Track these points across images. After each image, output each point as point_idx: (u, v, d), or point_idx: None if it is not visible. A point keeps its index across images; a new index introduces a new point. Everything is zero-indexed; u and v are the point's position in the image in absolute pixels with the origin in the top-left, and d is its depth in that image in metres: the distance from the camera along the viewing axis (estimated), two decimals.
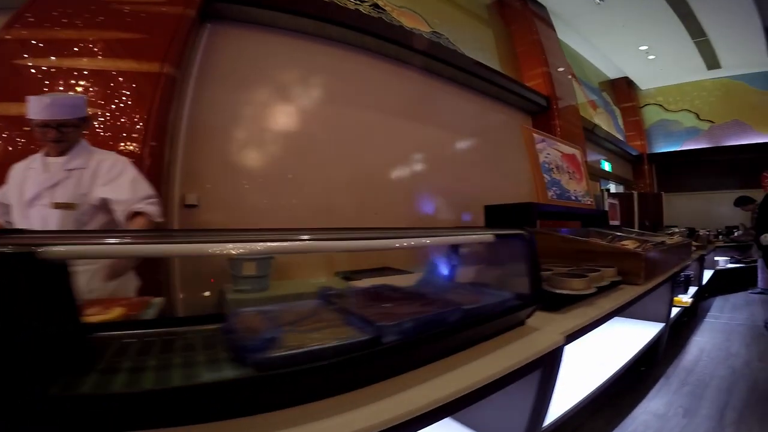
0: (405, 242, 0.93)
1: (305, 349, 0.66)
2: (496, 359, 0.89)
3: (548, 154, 3.10)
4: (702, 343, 3.46)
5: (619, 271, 1.85)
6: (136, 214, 1.72)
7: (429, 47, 4.41)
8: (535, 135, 3.05)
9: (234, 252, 0.61)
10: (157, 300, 1.46)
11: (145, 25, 2.72)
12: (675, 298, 3.33)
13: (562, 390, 1.49)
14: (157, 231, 1.50)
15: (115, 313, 1.18)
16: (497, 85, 5.33)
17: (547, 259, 2.21)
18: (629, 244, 2.59)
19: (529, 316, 1.13)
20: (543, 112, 6.06)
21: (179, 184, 3.00)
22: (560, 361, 1.05)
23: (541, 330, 1.09)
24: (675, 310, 3.08)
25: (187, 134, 3.04)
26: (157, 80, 2.67)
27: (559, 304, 1.33)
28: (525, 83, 6.01)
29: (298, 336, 0.73)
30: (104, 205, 1.73)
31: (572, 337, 1.11)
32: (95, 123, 2.42)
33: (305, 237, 0.71)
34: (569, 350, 1.09)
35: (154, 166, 2.60)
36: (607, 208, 3.52)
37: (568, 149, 3.46)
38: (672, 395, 2.53)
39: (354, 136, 3.86)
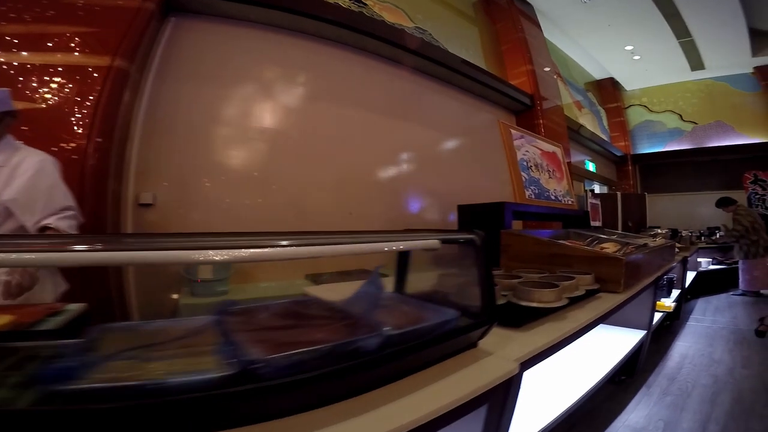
0: (320, 250, 0.73)
1: (118, 384, 0.45)
2: (430, 395, 0.70)
3: (527, 151, 2.92)
4: (684, 348, 3.31)
5: (598, 277, 1.67)
6: (45, 228, 1.49)
7: (411, 43, 4.21)
8: (513, 131, 2.87)
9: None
10: (73, 307, 1.24)
11: (97, 19, 2.50)
12: (658, 303, 3.18)
13: (531, 407, 1.30)
14: (85, 237, 1.27)
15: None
16: (480, 83, 5.15)
17: (521, 263, 2.02)
18: (610, 247, 2.42)
19: (482, 337, 0.93)
20: (527, 111, 5.90)
21: (133, 182, 2.78)
22: (515, 392, 0.86)
23: (495, 355, 0.90)
24: (657, 316, 2.93)
25: (144, 130, 2.82)
26: (107, 74, 2.45)
27: (524, 318, 1.13)
28: (509, 82, 5.85)
29: (136, 365, 0.52)
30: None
31: (530, 363, 0.92)
32: (29, 119, 2.17)
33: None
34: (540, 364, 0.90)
35: (100, 164, 2.37)
36: (588, 209, 3.35)
37: (549, 147, 3.28)
38: (653, 406, 2.37)
39: (328, 133, 3.65)
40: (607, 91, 9.88)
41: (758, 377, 2.73)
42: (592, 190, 8.67)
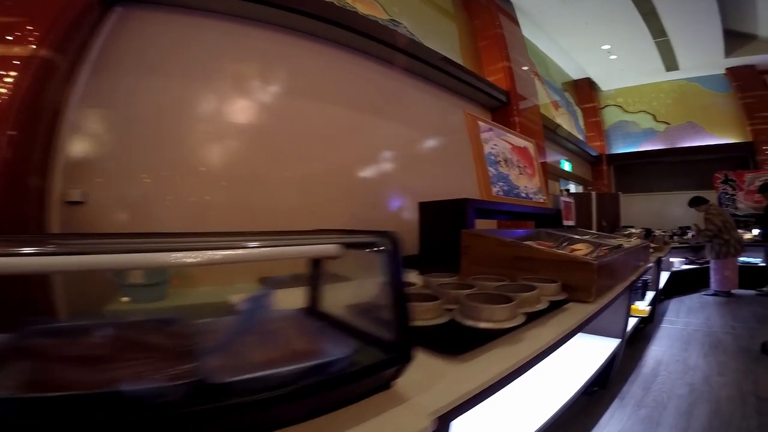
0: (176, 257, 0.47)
1: None
2: None
3: (495, 145, 2.68)
4: (659, 353, 3.13)
5: (566, 284, 1.43)
6: None
7: (382, 34, 3.93)
8: (480, 123, 2.62)
9: None
10: None
11: (24, 8, 2.18)
12: (632, 306, 2.99)
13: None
14: None
15: None
16: (455, 78, 4.91)
17: (483, 267, 1.77)
18: (582, 249, 2.20)
19: (396, 377, 0.66)
20: (502, 108, 5.69)
21: (61, 178, 2.44)
22: None
23: (409, 403, 0.63)
24: (632, 321, 2.73)
25: (76, 124, 2.49)
26: (27, 66, 2.13)
27: (466, 344, 0.87)
28: (486, 78, 5.64)
29: None
30: None
31: (456, 413, 0.65)
32: None
33: None
34: None
35: (15, 158, 2.06)
36: (561, 208, 3.14)
37: (520, 141, 3.06)
38: (626, 421, 2.15)
39: (289, 128, 3.34)
40: (584, 91, 9.82)
41: (735, 385, 2.55)
42: (568, 190, 8.59)
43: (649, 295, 3.56)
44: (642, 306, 3.07)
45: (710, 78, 8.80)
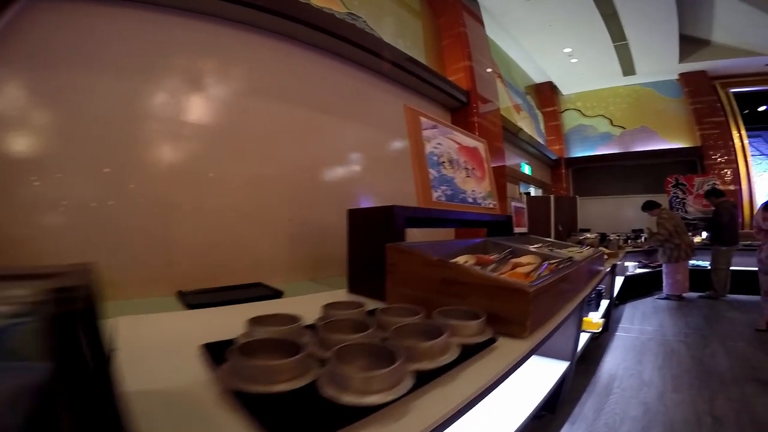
0: None
1: None
2: None
3: (439, 144, 2.38)
4: (613, 366, 2.94)
5: (496, 315, 1.13)
6: None
7: (333, 26, 3.56)
8: (423, 119, 2.32)
9: None
10: None
11: None
12: (585, 319, 2.76)
13: None
14: None
15: None
16: (413, 75, 4.61)
17: (410, 290, 1.46)
18: (526, 263, 1.93)
19: None
20: (462, 108, 5.46)
21: None
22: None
23: None
24: (585, 336, 2.50)
25: None
26: None
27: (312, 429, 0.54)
28: (447, 77, 5.39)
29: None
30: None
31: None
32: None
33: None
34: None
35: None
36: (512, 213, 2.88)
37: (470, 141, 2.77)
38: None
39: (232, 126, 2.93)
40: (546, 95, 9.81)
41: (690, 404, 2.36)
42: (528, 193, 8.51)
43: (604, 304, 3.38)
44: (596, 318, 2.86)
45: (664, 83, 8.95)
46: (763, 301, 3.90)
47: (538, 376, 1.90)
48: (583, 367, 2.83)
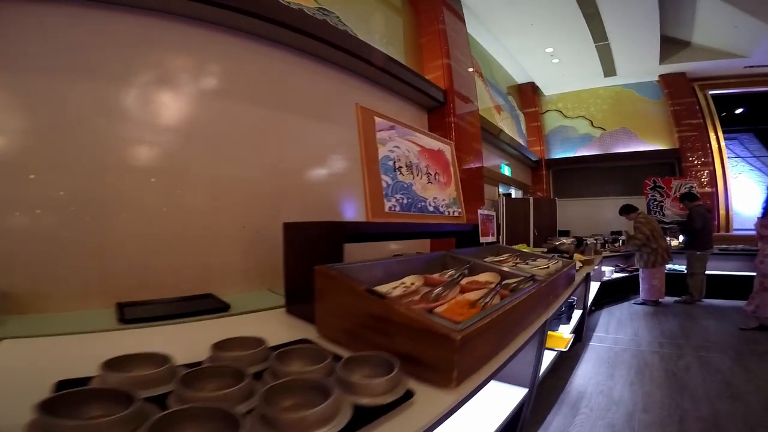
0: None
1: None
2: None
3: (396, 147, 2.17)
4: (583, 381, 2.76)
5: (421, 360, 0.92)
6: None
7: (298, 22, 3.28)
8: (377, 118, 2.09)
9: None
10: None
11: None
12: (553, 334, 2.58)
13: None
14: None
15: None
16: (387, 72, 4.36)
17: (340, 321, 1.24)
18: (483, 282, 1.73)
19: None
20: (439, 108, 5.23)
21: None
22: None
23: None
24: (549, 355, 2.31)
25: None
26: None
27: None
28: (425, 76, 5.16)
29: None
30: None
31: None
32: None
33: None
34: None
35: None
36: (480, 223, 2.68)
37: (434, 143, 2.57)
38: None
39: (158, 124, 2.65)
40: (527, 95, 9.66)
41: (658, 426, 2.19)
42: (508, 195, 8.36)
43: (577, 314, 3.21)
44: (566, 332, 2.68)
45: (644, 85, 8.86)
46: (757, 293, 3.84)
47: (493, 403, 1.70)
48: (552, 382, 2.66)
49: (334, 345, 1.21)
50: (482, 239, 2.68)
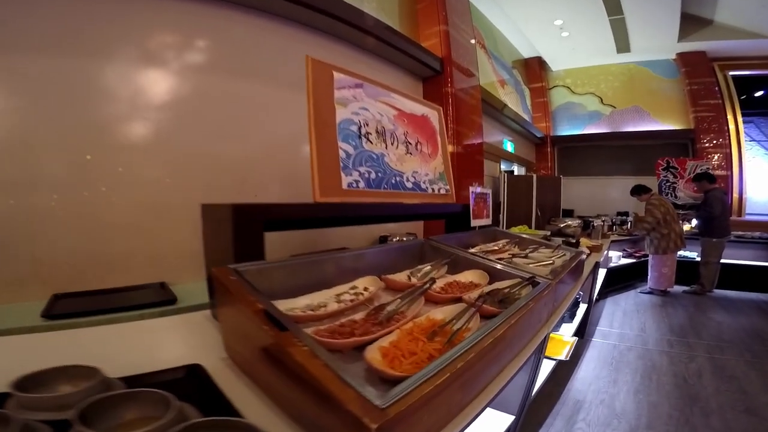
0: None
1: None
2: None
3: (363, 109, 1.70)
4: (583, 387, 2.37)
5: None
6: None
7: None
8: (337, 74, 1.62)
9: None
10: None
11: None
12: (553, 336, 2.16)
13: None
14: None
15: None
16: (377, 38, 3.83)
17: (244, 348, 0.83)
18: (466, 283, 1.31)
19: None
20: (435, 77, 4.71)
21: None
22: None
23: None
24: (548, 365, 1.90)
25: None
26: None
27: None
28: (421, 44, 4.61)
29: None
30: None
31: None
32: None
33: None
34: None
35: None
36: (471, 202, 2.23)
37: (416, 107, 2.09)
38: None
39: (95, 98, 2.19)
40: (534, 70, 9.01)
41: None
42: (511, 172, 7.85)
43: (581, 309, 2.79)
44: (567, 334, 2.26)
45: (660, 63, 8.21)
46: None
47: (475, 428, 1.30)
48: (547, 388, 2.26)
49: (242, 374, 0.80)
50: (474, 222, 2.23)
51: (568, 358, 1.84)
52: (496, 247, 1.96)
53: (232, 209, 1.08)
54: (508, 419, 1.37)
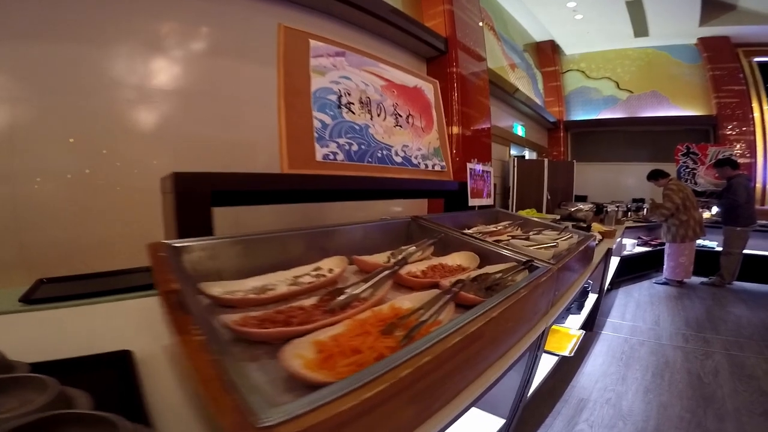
0: None
1: None
2: None
3: (344, 77, 1.53)
4: (589, 384, 2.20)
5: None
6: None
7: None
8: (314, 42, 1.45)
9: None
10: None
11: None
12: (558, 328, 1.99)
13: None
14: None
15: None
16: (382, 18, 3.64)
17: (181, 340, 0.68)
18: (454, 266, 1.15)
19: None
20: (439, 57, 4.49)
21: None
22: None
23: None
24: (549, 361, 1.72)
25: None
26: None
27: None
28: (425, 24, 4.39)
29: None
30: None
31: None
32: None
33: None
34: None
35: None
36: (469, 180, 2.06)
37: (408, 79, 1.92)
38: None
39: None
40: (546, 54, 8.67)
41: None
42: (522, 156, 7.58)
43: (591, 299, 2.59)
44: (574, 327, 2.08)
45: (680, 47, 7.83)
46: None
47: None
48: (550, 384, 2.10)
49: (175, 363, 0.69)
50: (473, 201, 2.06)
51: (572, 354, 1.67)
52: (494, 229, 1.79)
53: (173, 178, 0.93)
54: (498, 422, 1.21)
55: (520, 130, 7.30)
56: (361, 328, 0.63)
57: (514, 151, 7.25)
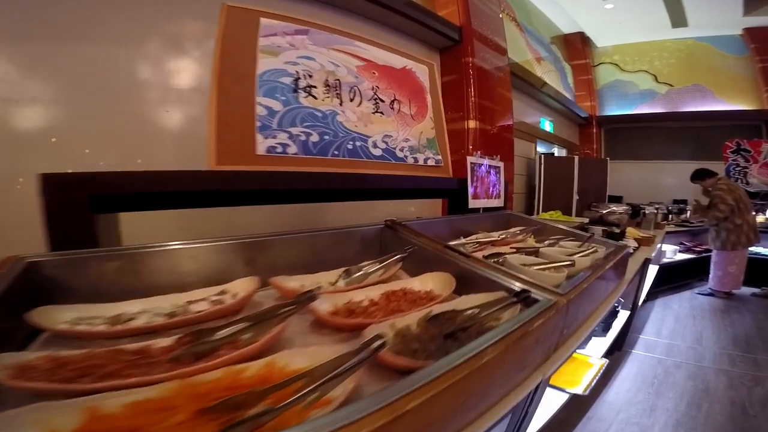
0: None
1: None
2: None
3: (304, 57, 1.30)
4: (610, 414, 1.86)
5: None
6: None
7: None
8: (267, 20, 1.24)
9: None
10: None
11: None
12: (576, 355, 1.67)
13: None
14: None
15: None
16: (388, 7, 3.41)
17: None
18: (421, 293, 0.91)
19: None
20: (453, 47, 4.20)
21: None
22: None
23: None
24: (559, 398, 1.42)
25: None
26: None
27: None
28: (438, 12, 4.13)
29: None
30: None
31: None
32: None
33: None
34: None
35: None
36: (469, 177, 1.78)
37: (393, 59, 1.67)
38: None
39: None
40: (575, 47, 8.15)
41: None
42: (552, 154, 7.10)
43: (622, 316, 2.23)
44: (597, 353, 1.74)
45: (724, 38, 7.17)
46: None
47: None
48: (563, 416, 1.77)
49: None
50: (475, 203, 1.78)
51: (587, 393, 1.35)
52: (498, 238, 1.50)
53: (42, 181, 0.73)
54: None
55: (548, 126, 6.87)
56: (173, 400, 0.39)
57: (541, 148, 6.81)
